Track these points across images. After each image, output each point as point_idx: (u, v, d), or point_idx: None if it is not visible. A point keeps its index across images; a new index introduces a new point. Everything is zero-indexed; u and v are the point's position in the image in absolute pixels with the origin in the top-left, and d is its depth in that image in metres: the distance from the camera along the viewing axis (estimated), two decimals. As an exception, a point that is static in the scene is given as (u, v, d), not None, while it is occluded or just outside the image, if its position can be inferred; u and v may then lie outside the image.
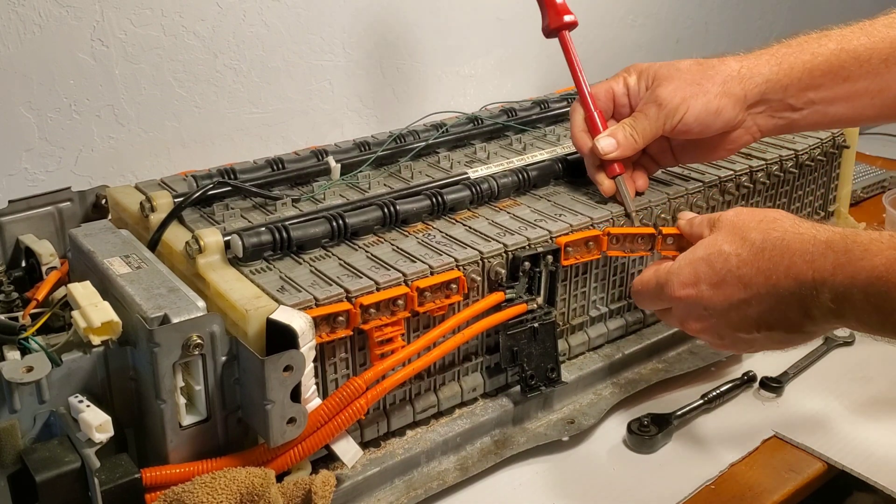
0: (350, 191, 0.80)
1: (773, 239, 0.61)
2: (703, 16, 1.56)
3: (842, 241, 0.57)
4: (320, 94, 1.10)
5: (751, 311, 0.61)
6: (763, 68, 0.73)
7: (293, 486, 0.59)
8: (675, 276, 0.65)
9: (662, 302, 0.68)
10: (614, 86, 0.78)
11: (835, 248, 0.57)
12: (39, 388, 0.56)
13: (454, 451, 0.71)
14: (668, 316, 0.69)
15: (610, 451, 0.74)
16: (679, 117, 0.73)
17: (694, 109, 0.73)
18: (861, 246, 0.55)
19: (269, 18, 1.03)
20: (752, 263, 0.61)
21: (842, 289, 0.56)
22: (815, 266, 0.57)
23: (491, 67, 1.27)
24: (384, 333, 0.64)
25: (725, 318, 0.63)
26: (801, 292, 0.58)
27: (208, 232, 0.66)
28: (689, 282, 0.64)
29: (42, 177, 0.92)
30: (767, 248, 0.61)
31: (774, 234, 0.61)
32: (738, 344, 0.65)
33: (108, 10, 0.91)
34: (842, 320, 0.58)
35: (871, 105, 0.73)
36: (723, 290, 0.62)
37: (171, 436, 0.58)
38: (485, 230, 0.73)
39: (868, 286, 0.54)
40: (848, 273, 0.55)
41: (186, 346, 0.56)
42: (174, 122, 0.99)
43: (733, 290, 0.62)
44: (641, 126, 0.75)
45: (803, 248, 0.59)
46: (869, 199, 1.23)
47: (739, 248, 0.62)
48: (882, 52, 0.71)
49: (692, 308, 0.65)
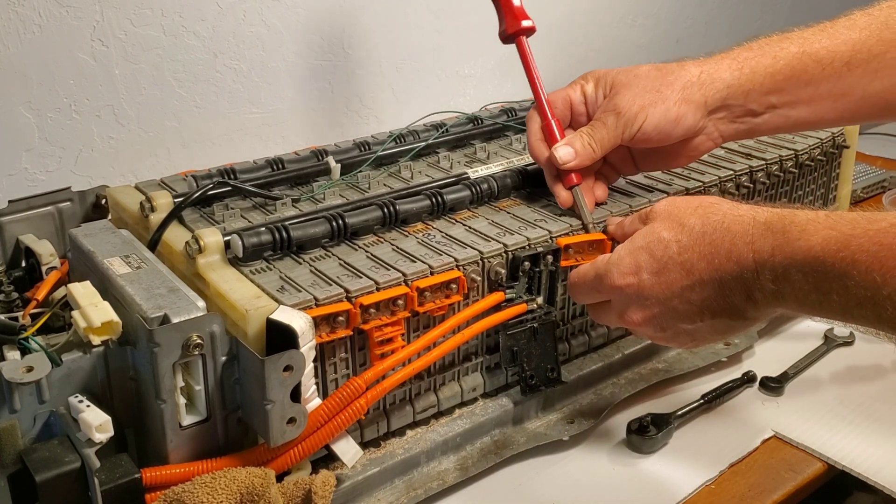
0: (350, 191, 0.80)
1: (714, 223, 0.60)
2: (703, 16, 1.56)
3: (780, 222, 0.57)
4: (320, 94, 1.10)
5: (694, 297, 0.60)
6: (724, 73, 0.72)
7: (293, 486, 0.59)
8: (614, 266, 0.64)
9: (601, 294, 0.66)
10: (571, 94, 0.77)
11: (773, 228, 0.57)
12: (39, 388, 0.56)
13: (454, 451, 0.71)
14: (605, 310, 0.67)
15: (610, 451, 0.74)
16: (638, 126, 0.71)
17: (653, 118, 0.71)
18: (798, 226, 0.55)
19: (269, 18, 1.03)
20: (693, 248, 0.60)
21: (781, 269, 0.55)
22: (755, 248, 0.57)
23: (491, 67, 1.27)
24: (384, 333, 0.64)
25: (668, 307, 0.62)
26: (743, 275, 0.58)
27: (208, 232, 0.66)
28: (629, 271, 0.63)
29: (42, 177, 0.92)
30: (708, 233, 0.60)
31: (714, 217, 0.60)
32: (680, 336, 0.64)
33: (108, 10, 0.91)
34: (783, 303, 0.57)
35: (832, 108, 0.72)
36: (665, 277, 0.61)
37: (171, 436, 0.58)
38: (485, 230, 0.73)
39: (805, 266, 0.54)
40: (786, 253, 0.55)
41: (186, 346, 0.56)
42: (174, 122, 1.00)
43: (675, 277, 0.61)
44: (599, 135, 0.73)
45: (743, 230, 0.58)
46: (869, 199, 1.23)
47: (679, 234, 0.61)
48: (843, 55, 0.70)
49: (633, 298, 0.63)
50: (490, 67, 1.27)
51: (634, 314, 0.64)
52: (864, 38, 0.71)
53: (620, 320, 0.66)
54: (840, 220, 0.54)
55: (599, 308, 0.68)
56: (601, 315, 0.69)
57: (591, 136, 0.73)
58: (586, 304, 0.70)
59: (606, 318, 0.68)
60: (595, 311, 0.69)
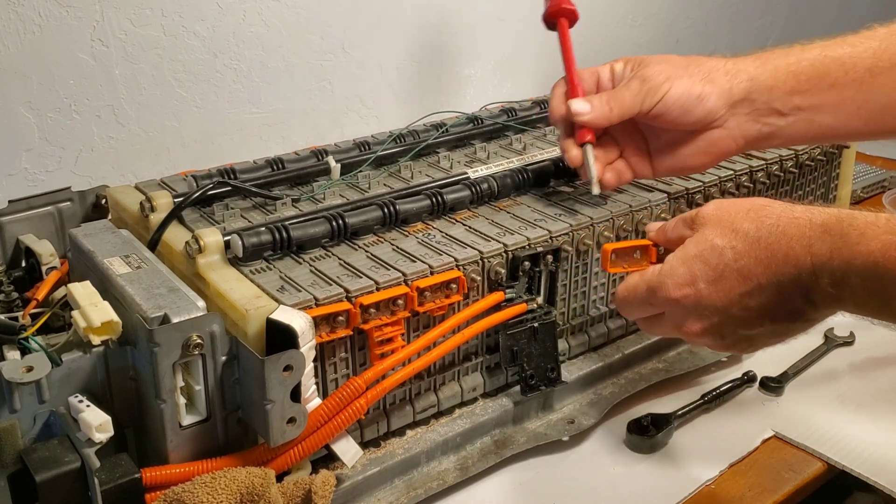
0: (350, 191, 0.80)
1: (768, 226, 0.59)
2: (703, 16, 1.56)
3: (837, 225, 0.56)
4: (320, 94, 1.10)
5: (753, 303, 0.59)
6: (749, 66, 0.72)
7: (293, 485, 0.59)
8: (668, 277, 0.62)
9: (654, 307, 0.64)
10: (601, 70, 0.77)
11: (831, 231, 0.56)
12: (39, 388, 0.56)
13: (454, 451, 0.71)
14: (658, 323, 0.65)
15: (610, 451, 0.74)
16: (660, 95, 0.71)
17: (676, 90, 0.71)
18: (857, 230, 0.54)
19: (269, 18, 1.03)
20: (749, 254, 0.59)
21: (840, 273, 0.55)
22: (812, 250, 0.56)
23: (491, 67, 1.27)
24: (384, 333, 0.64)
25: (727, 315, 0.60)
26: (801, 278, 0.56)
27: (208, 232, 0.66)
28: (685, 281, 0.61)
29: (42, 177, 0.92)
30: (763, 237, 0.58)
31: (768, 221, 0.59)
32: (741, 342, 0.63)
33: (108, 10, 0.91)
34: (842, 305, 0.57)
35: (857, 115, 0.72)
36: (722, 285, 0.60)
37: (171, 436, 0.58)
38: (485, 230, 0.73)
39: (864, 271, 0.53)
40: (845, 257, 0.54)
41: (186, 345, 0.56)
42: (174, 122, 1.00)
43: (733, 284, 0.59)
44: (620, 96, 0.73)
45: (800, 232, 0.57)
46: (869, 199, 1.23)
47: (733, 240, 0.60)
48: (865, 61, 0.70)
49: (691, 309, 0.62)
50: (490, 67, 1.27)
51: (693, 325, 0.62)
52: (885, 47, 0.71)
53: (677, 331, 0.64)
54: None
55: (653, 321, 0.66)
56: (655, 327, 0.67)
57: (611, 96, 0.73)
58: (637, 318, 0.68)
59: (661, 330, 0.66)
60: (648, 323, 0.67)
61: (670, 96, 0.71)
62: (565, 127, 0.76)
